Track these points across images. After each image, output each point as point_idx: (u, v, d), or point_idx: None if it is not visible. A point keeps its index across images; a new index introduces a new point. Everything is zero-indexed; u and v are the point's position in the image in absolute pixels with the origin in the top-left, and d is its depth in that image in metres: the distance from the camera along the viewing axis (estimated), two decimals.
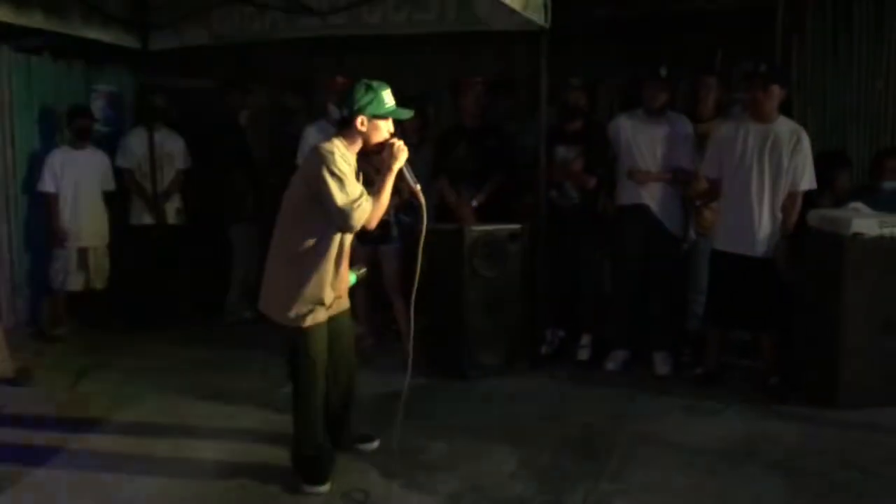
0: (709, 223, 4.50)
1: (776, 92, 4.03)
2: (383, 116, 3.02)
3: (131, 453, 3.47)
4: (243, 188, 5.81)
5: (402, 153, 3.01)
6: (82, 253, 5.56)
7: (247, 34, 5.06)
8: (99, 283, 5.64)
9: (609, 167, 4.65)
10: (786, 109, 4.27)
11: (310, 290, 3.00)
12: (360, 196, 2.91)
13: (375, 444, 3.48)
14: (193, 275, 6.13)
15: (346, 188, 2.88)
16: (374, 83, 3.02)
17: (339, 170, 2.88)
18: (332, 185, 2.85)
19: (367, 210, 2.91)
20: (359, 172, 3.08)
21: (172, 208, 5.90)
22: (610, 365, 4.67)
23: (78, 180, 5.50)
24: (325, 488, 3.09)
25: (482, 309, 4.44)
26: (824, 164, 4.30)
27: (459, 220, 4.68)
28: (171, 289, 5.97)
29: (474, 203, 4.73)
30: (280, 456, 3.30)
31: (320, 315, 3.07)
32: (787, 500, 3.03)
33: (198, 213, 6.00)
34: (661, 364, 4.58)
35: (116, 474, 3.24)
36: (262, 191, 5.73)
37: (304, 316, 3.01)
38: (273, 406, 3.85)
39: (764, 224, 4.08)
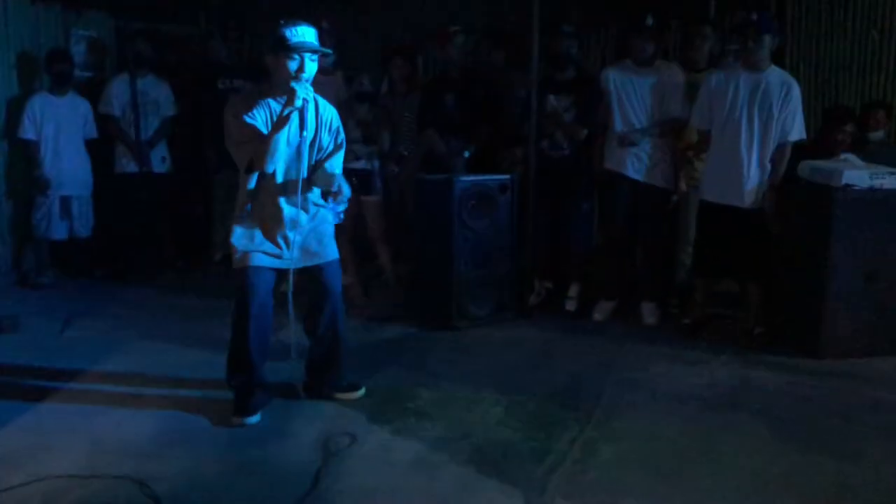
0: (699, 175, 4.48)
1: (767, 41, 4.00)
2: (284, 53, 2.97)
3: (120, 399, 3.45)
4: None
5: (293, 97, 2.94)
6: (65, 201, 5.48)
7: None
8: (83, 232, 5.58)
9: (600, 118, 4.59)
10: (778, 61, 4.22)
11: (237, 230, 3.14)
12: (245, 138, 3.01)
13: (360, 392, 3.47)
14: (179, 222, 6.08)
15: (234, 130, 3.02)
16: (286, 21, 2.99)
17: (235, 113, 3.02)
18: (227, 126, 3.05)
19: (246, 152, 3.02)
20: (260, 112, 3.05)
21: (158, 156, 5.81)
22: (597, 315, 4.69)
23: (59, 127, 5.40)
24: (250, 420, 3.18)
25: (471, 259, 4.43)
26: (828, 118, 4.28)
27: (449, 170, 4.64)
28: (156, 237, 5.93)
29: (466, 154, 4.69)
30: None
31: (252, 259, 3.13)
32: (770, 447, 3.06)
33: (184, 161, 5.92)
34: (649, 314, 4.61)
35: (106, 419, 3.23)
36: None
37: (236, 254, 3.15)
38: None
39: (752, 174, 4.08)
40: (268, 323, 3.26)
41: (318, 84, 3.25)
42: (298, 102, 2.95)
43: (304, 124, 3.04)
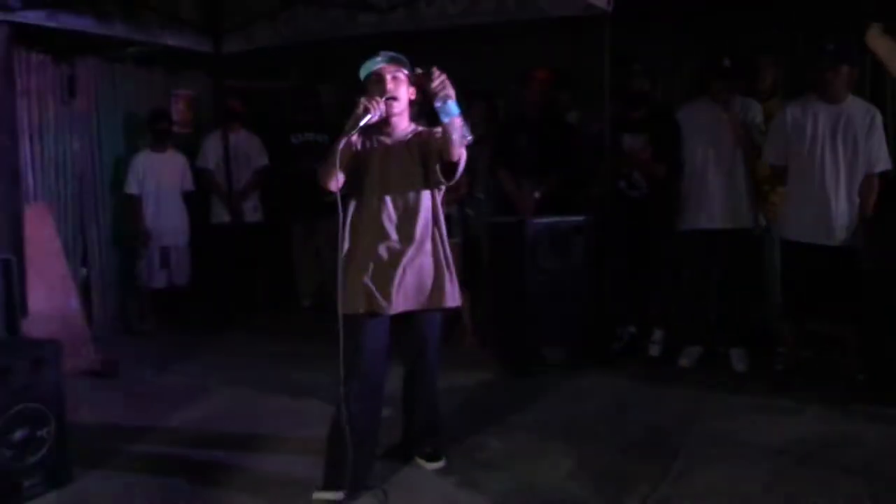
0: (776, 209, 4.27)
1: (845, 71, 3.78)
2: (366, 80, 2.93)
3: (199, 446, 3.55)
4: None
5: (357, 108, 2.75)
6: (164, 251, 5.80)
7: (310, 34, 5.13)
8: (180, 281, 5.87)
9: (678, 154, 4.44)
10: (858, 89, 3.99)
11: (342, 272, 2.87)
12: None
13: (440, 464, 3.20)
14: (270, 270, 6.31)
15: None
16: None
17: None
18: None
19: (319, 173, 2.85)
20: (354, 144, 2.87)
21: (249, 206, 6.08)
22: (683, 361, 4.49)
23: (159, 182, 5.75)
24: (329, 495, 2.86)
25: (546, 303, 4.35)
26: None
27: (521, 211, 4.60)
28: (249, 284, 6.17)
29: (536, 195, 4.64)
30: None
31: (354, 304, 2.87)
32: None
33: (275, 210, 6.16)
34: (738, 360, 4.38)
35: (181, 468, 3.31)
36: None
37: (339, 300, 2.86)
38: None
39: (841, 211, 3.85)
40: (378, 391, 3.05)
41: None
42: (364, 114, 2.74)
43: (410, 148, 2.92)
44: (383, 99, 2.84)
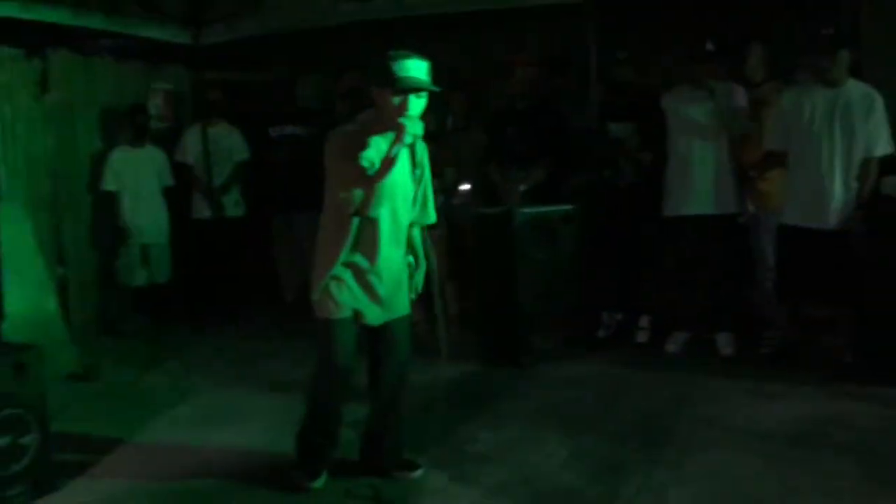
0: (764, 196, 4.26)
1: (844, 57, 3.76)
2: (393, 89, 2.64)
3: (186, 448, 3.48)
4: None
5: (402, 134, 2.62)
6: (144, 249, 5.69)
7: (292, 23, 5.05)
8: (161, 278, 5.77)
9: (664, 142, 4.43)
10: (856, 73, 3.97)
11: (329, 280, 2.83)
12: (355, 181, 2.68)
13: (419, 472, 3.08)
14: (253, 265, 6.22)
15: (343, 171, 2.70)
16: (395, 53, 2.66)
17: (342, 152, 2.69)
18: (329, 168, 2.76)
19: (354, 196, 2.69)
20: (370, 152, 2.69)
21: (231, 201, 5.99)
22: (670, 347, 4.49)
23: (137, 178, 5.63)
24: (314, 484, 2.96)
25: (535, 293, 4.32)
26: None
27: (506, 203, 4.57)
28: (232, 280, 6.08)
29: (521, 188, 4.61)
30: None
31: (340, 309, 2.85)
32: (860, 488, 2.81)
33: (257, 204, 6.07)
34: (725, 345, 4.39)
35: (169, 471, 3.24)
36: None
37: (323, 304, 2.86)
38: None
39: (837, 194, 3.83)
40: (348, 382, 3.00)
41: None
42: (408, 139, 2.64)
43: (415, 162, 2.83)
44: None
